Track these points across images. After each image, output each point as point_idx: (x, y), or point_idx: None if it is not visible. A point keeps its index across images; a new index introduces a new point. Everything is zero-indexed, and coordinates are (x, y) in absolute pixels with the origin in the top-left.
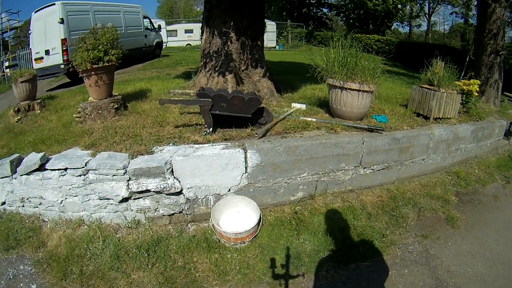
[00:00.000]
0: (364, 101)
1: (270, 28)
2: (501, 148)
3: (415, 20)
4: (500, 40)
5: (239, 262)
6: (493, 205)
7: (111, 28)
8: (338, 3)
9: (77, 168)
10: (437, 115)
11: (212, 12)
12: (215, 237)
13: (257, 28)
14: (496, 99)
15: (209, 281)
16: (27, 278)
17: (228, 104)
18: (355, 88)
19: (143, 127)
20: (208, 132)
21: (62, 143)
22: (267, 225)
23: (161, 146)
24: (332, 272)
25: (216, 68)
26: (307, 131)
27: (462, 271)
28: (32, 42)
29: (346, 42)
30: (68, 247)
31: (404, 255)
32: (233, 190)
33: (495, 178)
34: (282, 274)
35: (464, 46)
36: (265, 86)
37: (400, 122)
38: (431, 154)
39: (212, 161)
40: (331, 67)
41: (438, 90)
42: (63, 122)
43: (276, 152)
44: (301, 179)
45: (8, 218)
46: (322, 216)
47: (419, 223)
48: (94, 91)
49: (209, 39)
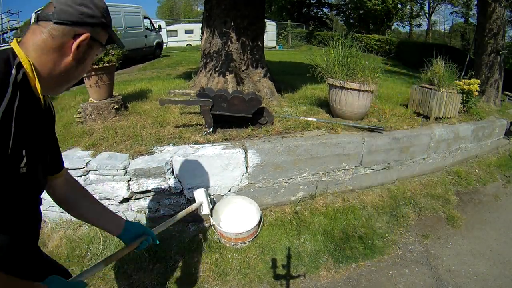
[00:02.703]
0: (365, 101)
1: (270, 28)
2: (501, 147)
3: (415, 19)
4: (501, 39)
5: (240, 262)
6: (493, 205)
7: None
8: (338, 3)
9: (77, 168)
10: (437, 115)
11: (212, 12)
12: (216, 237)
13: (258, 28)
14: (497, 98)
15: (209, 281)
16: None
17: (228, 104)
18: (355, 88)
19: (144, 127)
20: (208, 132)
21: (63, 144)
22: (267, 225)
23: (162, 146)
24: (333, 272)
25: (217, 68)
26: (307, 131)
27: (462, 271)
28: None
29: (346, 42)
30: (69, 248)
31: (405, 255)
32: (233, 190)
33: (495, 178)
34: (283, 274)
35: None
36: (265, 86)
37: (401, 122)
38: (431, 153)
39: (212, 161)
40: (331, 67)
41: (438, 90)
42: (63, 122)
43: (276, 152)
44: (302, 179)
45: None
46: (322, 216)
47: (420, 222)
48: (95, 92)
49: (209, 39)
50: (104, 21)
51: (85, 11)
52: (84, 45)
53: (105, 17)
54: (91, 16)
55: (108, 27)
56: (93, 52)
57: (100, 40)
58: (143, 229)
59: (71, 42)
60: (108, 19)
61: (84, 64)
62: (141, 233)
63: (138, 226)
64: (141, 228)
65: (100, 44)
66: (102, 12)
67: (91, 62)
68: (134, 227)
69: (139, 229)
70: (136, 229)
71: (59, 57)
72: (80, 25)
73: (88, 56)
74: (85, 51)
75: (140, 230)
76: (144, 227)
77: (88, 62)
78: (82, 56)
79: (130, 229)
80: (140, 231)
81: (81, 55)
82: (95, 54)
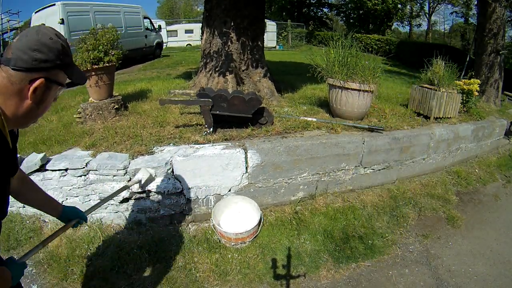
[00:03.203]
0: (365, 101)
1: (270, 28)
2: (501, 147)
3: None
4: (501, 39)
5: (240, 262)
6: (493, 205)
7: (111, 28)
8: (338, 3)
9: (77, 168)
10: (437, 115)
11: (212, 12)
12: (216, 237)
13: (258, 28)
14: (497, 98)
15: (209, 281)
16: (27, 278)
17: (228, 104)
18: (355, 88)
19: (144, 127)
20: (208, 132)
21: (63, 144)
22: (267, 225)
23: (162, 146)
24: (333, 272)
25: (217, 68)
26: (307, 131)
27: (462, 271)
28: None
29: (346, 42)
30: (69, 248)
31: (405, 255)
32: (233, 190)
33: (495, 178)
34: (283, 274)
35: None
36: (265, 86)
37: (401, 122)
38: (431, 153)
39: (212, 161)
40: (331, 67)
41: (438, 90)
42: (63, 122)
43: (276, 152)
44: (302, 179)
45: (8, 218)
46: (322, 216)
47: (420, 222)
48: (95, 92)
49: (210, 39)
50: (60, 63)
51: (38, 57)
52: (41, 88)
53: (62, 58)
54: (45, 61)
55: (66, 67)
56: (52, 93)
57: (58, 81)
58: (77, 213)
59: (28, 87)
60: (65, 59)
61: (45, 104)
62: (75, 216)
63: (73, 210)
64: (75, 212)
65: (59, 84)
66: (57, 55)
67: (52, 99)
68: (70, 211)
69: (73, 213)
70: (71, 213)
71: (19, 101)
72: (34, 70)
73: (47, 97)
74: (43, 93)
75: (74, 213)
76: (78, 210)
77: (49, 100)
78: (41, 98)
79: (67, 213)
80: (74, 214)
81: (39, 98)
82: (55, 93)
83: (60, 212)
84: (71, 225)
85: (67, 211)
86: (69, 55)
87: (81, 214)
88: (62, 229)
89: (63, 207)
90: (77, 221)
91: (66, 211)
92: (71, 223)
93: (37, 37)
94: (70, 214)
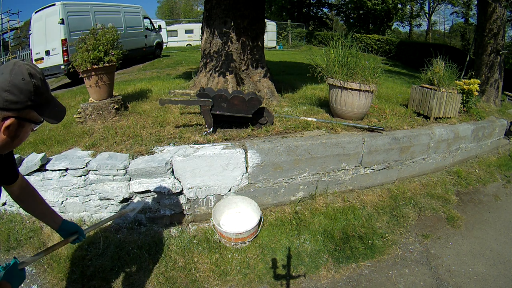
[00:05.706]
0: (365, 101)
1: (270, 28)
2: (501, 147)
3: (415, 19)
4: (501, 39)
5: (240, 262)
6: (493, 205)
7: (111, 28)
8: (338, 3)
9: (77, 168)
10: (437, 115)
11: (212, 12)
12: (216, 237)
13: (258, 28)
14: (497, 98)
15: (209, 281)
16: (28, 278)
17: (228, 104)
18: (356, 88)
19: (144, 127)
20: (208, 132)
21: (63, 144)
22: (267, 225)
23: (162, 146)
24: (333, 272)
25: (217, 68)
26: (307, 131)
27: (462, 271)
28: (32, 42)
29: (346, 42)
30: (69, 248)
31: (405, 255)
32: (233, 190)
33: (495, 178)
34: (283, 274)
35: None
36: (265, 86)
37: (401, 122)
38: (431, 153)
39: (212, 161)
40: (331, 67)
41: (438, 90)
42: (63, 122)
43: (276, 152)
44: (302, 179)
45: (8, 218)
46: (322, 216)
47: (420, 222)
48: (95, 92)
49: (210, 39)
50: (31, 103)
51: (9, 99)
52: (13, 125)
53: (33, 99)
54: (15, 103)
55: (38, 107)
56: (25, 129)
57: (31, 119)
58: (76, 228)
59: (1, 124)
60: (37, 100)
61: (20, 138)
62: (75, 231)
63: (72, 225)
64: (74, 227)
65: (32, 122)
66: (29, 96)
67: (28, 133)
68: (69, 226)
69: (73, 228)
70: (70, 228)
71: None
72: (6, 110)
73: (20, 133)
74: (16, 130)
75: (73, 228)
76: (77, 226)
77: (23, 135)
78: (14, 134)
79: (65, 227)
80: (74, 229)
81: (13, 134)
82: (30, 129)
83: (59, 225)
84: (70, 240)
85: (65, 226)
86: (42, 94)
87: (81, 230)
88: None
89: (62, 220)
90: (77, 237)
91: (64, 226)
92: (71, 238)
93: (9, 78)
94: (68, 228)
